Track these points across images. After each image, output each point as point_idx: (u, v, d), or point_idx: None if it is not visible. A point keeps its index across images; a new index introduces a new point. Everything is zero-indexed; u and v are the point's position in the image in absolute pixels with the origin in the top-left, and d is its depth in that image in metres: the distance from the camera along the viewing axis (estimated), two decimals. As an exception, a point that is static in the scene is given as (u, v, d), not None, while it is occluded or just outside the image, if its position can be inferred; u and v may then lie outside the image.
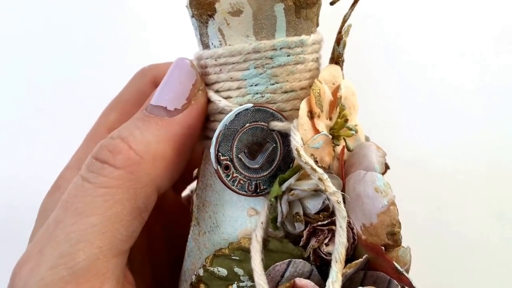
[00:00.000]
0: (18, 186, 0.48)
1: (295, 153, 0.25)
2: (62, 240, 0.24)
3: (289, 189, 0.26)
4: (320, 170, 0.25)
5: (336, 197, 0.25)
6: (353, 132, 0.29)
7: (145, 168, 0.26)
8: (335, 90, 0.29)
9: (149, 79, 0.35)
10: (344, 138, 0.29)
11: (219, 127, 0.26)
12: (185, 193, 0.41)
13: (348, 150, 0.29)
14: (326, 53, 0.30)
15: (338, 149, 0.30)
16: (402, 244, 0.26)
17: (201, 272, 0.28)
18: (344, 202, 0.26)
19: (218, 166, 0.26)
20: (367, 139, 0.33)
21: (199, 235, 0.30)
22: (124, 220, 0.25)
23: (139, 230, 0.27)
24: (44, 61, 0.52)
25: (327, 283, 0.24)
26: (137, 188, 0.26)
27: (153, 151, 0.26)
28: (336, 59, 0.30)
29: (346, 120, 0.28)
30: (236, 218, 0.28)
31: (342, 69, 0.31)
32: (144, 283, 0.35)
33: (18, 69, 0.52)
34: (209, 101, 0.28)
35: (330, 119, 0.29)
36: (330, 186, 0.25)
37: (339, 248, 0.25)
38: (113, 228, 0.25)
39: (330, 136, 0.28)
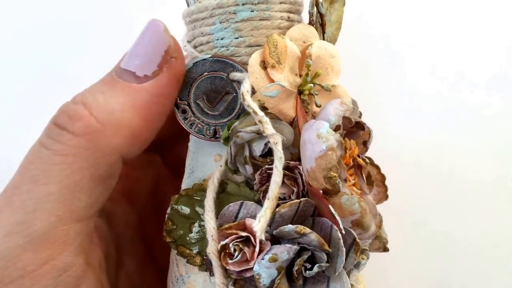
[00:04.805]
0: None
1: (240, 97, 0.27)
2: (18, 207, 0.24)
3: (236, 131, 0.27)
4: (260, 113, 0.26)
5: (274, 139, 0.26)
6: (325, 87, 0.30)
7: (106, 136, 0.25)
8: (305, 48, 0.30)
9: None
10: (313, 95, 0.30)
11: None
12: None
13: (317, 105, 0.30)
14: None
15: (315, 108, 0.31)
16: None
17: (168, 210, 0.30)
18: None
19: (176, 109, 0.29)
20: (354, 103, 0.33)
21: (183, 182, 0.33)
22: (84, 187, 0.25)
23: (106, 195, 0.26)
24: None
25: (256, 217, 0.26)
26: (98, 156, 0.25)
27: (117, 119, 0.25)
28: (309, 19, 0.31)
29: (308, 74, 0.29)
30: (205, 163, 0.31)
31: (320, 31, 0.32)
32: (135, 262, 0.35)
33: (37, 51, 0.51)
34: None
35: (300, 76, 0.30)
36: (269, 128, 0.26)
37: (272, 186, 0.26)
38: (72, 196, 0.24)
39: (295, 90, 0.29)
